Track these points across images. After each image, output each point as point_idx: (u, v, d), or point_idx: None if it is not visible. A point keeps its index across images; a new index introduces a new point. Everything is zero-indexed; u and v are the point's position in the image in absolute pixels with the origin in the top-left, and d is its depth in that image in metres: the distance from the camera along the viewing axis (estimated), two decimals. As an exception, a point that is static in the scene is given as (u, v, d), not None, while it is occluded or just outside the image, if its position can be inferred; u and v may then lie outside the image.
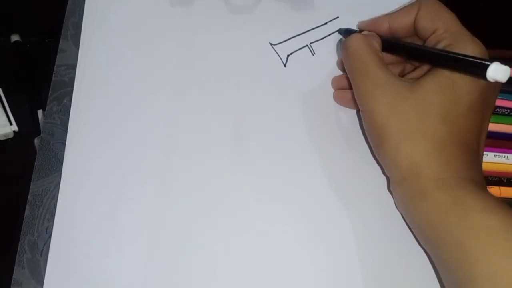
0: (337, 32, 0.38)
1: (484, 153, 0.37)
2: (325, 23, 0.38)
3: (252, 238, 0.31)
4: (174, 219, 0.32)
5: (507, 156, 0.38)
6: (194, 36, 0.37)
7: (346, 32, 0.36)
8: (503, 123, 0.38)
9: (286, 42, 0.37)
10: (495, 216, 0.25)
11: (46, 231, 0.32)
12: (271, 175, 0.33)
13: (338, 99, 0.35)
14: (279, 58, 0.37)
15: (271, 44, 0.37)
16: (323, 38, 0.38)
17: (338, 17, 0.38)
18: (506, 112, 0.39)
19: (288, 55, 0.37)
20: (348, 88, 0.35)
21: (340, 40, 0.38)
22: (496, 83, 0.26)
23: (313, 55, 0.37)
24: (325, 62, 0.37)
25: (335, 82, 0.36)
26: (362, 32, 0.33)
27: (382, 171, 0.33)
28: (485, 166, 0.38)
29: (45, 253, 0.31)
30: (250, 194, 0.32)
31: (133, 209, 0.32)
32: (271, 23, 0.38)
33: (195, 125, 0.34)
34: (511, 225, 0.25)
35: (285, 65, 0.37)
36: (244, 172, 0.33)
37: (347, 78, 0.33)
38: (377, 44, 0.32)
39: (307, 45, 0.37)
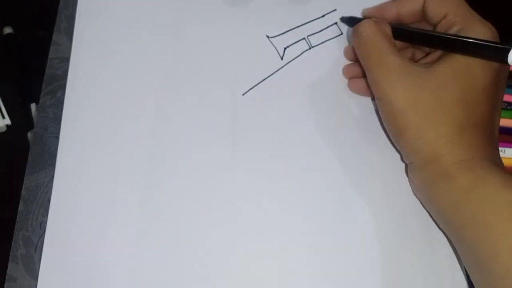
0: (335, 25, 0.37)
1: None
2: (323, 16, 0.38)
3: (257, 231, 0.31)
4: (169, 213, 0.31)
5: (504, 150, 0.37)
6: (190, 28, 0.37)
7: (349, 21, 0.36)
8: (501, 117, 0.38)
9: (283, 35, 0.37)
10: None
11: (40, 226, 0.31)
12: (270, 168, 0.33)
13: (353, 88, 0.35)
14: (276, 51, 0.36)
15: (268, 37, 0.37)
16: (320, 31, 0.37)
17: (335, 10, 0.38)
18: (503, 106, 0.38)
19: (285, 48, 0.37)
20: (361, 76, 0.34)
21: (341, 30, 0.37)
22: (509, 65, 0.27)
23: (310, 48, 0.37)
24: (323, 54, 0.37)
25: (346, 71, 0.35)
26: (371, 18, 0.33)
27: (400, 158, 0.33)
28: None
29: (39, 249, 0.31)
30: (249, 188, 0.32)
31: (127, 203, 0.31)
32: (268, 16, 0.37)
33: (191, 117, 0.34)
34: None
35: (282, 58, 0.36)
36: (244, 166, 0.33)
37: (360, 66, 0.33)
38: (388, 30, 0.31)
39: (304, 38, 0.37)
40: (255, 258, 0.31)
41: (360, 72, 0.34)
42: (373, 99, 0.35)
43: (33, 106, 0.40)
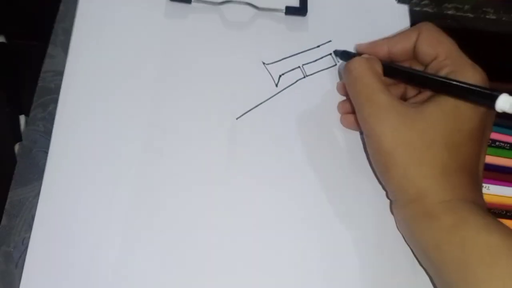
0: (329, 56, 0.38)
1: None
2: (318, 46, 0.38)
3: (244, 245, 0.31)
4: (160, 232, 0.31)
5: (488, 187, 0.38)
6: (187, 49, 0.37)
7: (342, 55, 0.37)
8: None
9: (279, 62, 0.37)
10: (498, 236, 0.26)
11: (23, 243, 0.31)
12: (260, 193, 0.33)
13: (346, 123, 0.35)
14: (271, 78, 0.37)
15: (263, 63, 0.37)
16: (315, 60, 0.38)
17: (330, 41, 0.39)
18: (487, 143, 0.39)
19: (280, 75, 0.37)
20: (353, 112, 0.35)
21: (336, 61, 0.38)
22: (495, 111, 0.27)
23: (304, 77, 0.37)
24: (316, 84, 0.37)
25: (341, 107, 0.36)
26: (363, 55, 0.33)
27: (385, 194, 0.33)
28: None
29: (20, 266, 0.30)
30: (243, 205, 0.32)
31: (117, 224, 0.31)
32: (264, 42, 0.38)
33: (184, 141, 0.34)
34: None
35: (276, 85, 0.37)
36: (235, 191, 0.33)
37: (351, 102, 0.33)
38: (379, 68, 0.32)
39: (299, 67, 0.38)
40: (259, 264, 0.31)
41: (352, 108, 0.35)
42: (361, 133, 0.36)
43: (22, 117, 0.39)
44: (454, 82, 0.29)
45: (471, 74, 0.30)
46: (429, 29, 0.32)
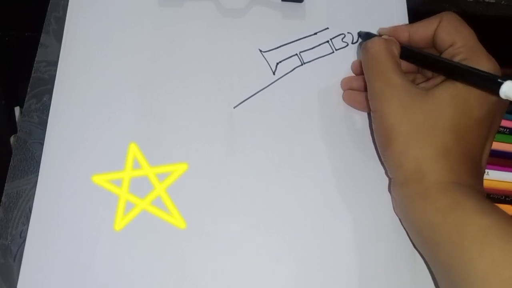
0: (327, 43, 0.38)
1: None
2: (315, 33, 0.38)
3: (245, 237, 0.31)
4: (158, 227, 0.31)
5: (488, 172, 0.38)
6: (182, 37, 0.36)
7: (365, 36, 0.37)
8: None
9: (276, 50, 0.37)
10: (492, 218, 0.26)
11: (20, 235, 0.30)
12: (258, 182, 0.33)
13: (347, 99, 0.36)
14: (268, 66, 0.36)
15: (260, 51, 0.37)
16: (312, 48, 0.37)
17: (328, 28, 0.38)
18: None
19: (277, 63, 0.37)
20: (357, 89, 0.35)
21: (360, 43, 0.38)
22: (506, 101, 0.27)
23: (302, 64, 0.37)
24: (314, 71, 0.37)
25: (344, 83, 0.36)
26: (383, 36, 0.34)
27: (384, 172, 0.34)
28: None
29: (18, 259, 0.30)
30: (243, 195, 0.32)
31: (113, 214, 0.31)
32: (261, 30, 0.37)
33: (181, 130, 0.34)
34: (507, 227, 0.26)
35: (274, 73, 0.36)
36: (234, 178, 0.33)
37: (362, 79, 0.34)
38: (396, 50, 0.32)
39: (296, 54, 0.37)
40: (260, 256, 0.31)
41: (357, 86, 0.35)
42: (369, 113, 0.36)
43: (17, 109, 0.39)
44: (463, 66, 0.29)
45: (483, 63, 0.30)
46: (450, 18, 0.32)
